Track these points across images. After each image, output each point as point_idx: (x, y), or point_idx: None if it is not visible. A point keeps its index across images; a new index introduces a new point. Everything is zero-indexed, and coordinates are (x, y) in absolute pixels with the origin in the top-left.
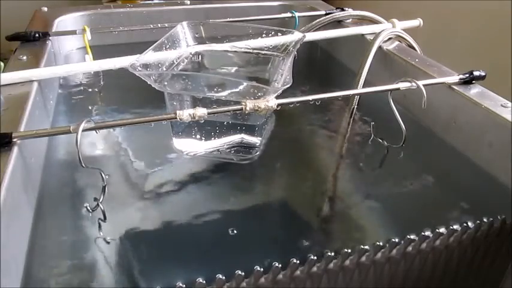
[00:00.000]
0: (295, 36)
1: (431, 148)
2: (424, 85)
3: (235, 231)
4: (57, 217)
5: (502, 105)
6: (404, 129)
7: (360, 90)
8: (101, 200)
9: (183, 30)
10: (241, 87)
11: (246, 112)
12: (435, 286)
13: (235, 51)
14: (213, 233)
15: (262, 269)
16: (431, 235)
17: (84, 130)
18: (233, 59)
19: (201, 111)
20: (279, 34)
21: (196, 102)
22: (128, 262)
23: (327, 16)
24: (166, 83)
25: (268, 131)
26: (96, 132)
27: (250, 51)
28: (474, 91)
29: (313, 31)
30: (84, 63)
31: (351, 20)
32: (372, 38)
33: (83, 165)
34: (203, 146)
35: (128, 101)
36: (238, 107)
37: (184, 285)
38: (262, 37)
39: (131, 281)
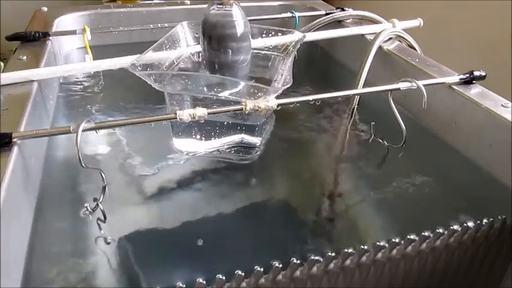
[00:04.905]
0: (295, 36)
1: (431, 148)
2: (424, 85)
3: (235, 231)
4: (57, 217)
5: (502, 105)
6: (404, 129)
7: (360, 90)
8: (100, 200)
9: (183, 30)
10: (241, 87)
11: (246, 112)
12: (435, 286)
13: None
14: (213, 232)
15: (262, 269)
16: (431, 235)
17: (84, 130)
18: None
19: (201, 111)
20: (279, 34)
21: (196, 102)
22: (128, 262)
23: (327, 16)
24: (166, 83)
25: (268, 131)
26: (96, 132)
27: None
28: (474, 91)
29: (313, 31)
30: (84, 63)
31: (351, 20)
32: (372, 38)
33: (83, 165)
34: (203, 146)
35: (128, 101)
36: (238, 107)
37: (184, 285)
38: (262, 37)
39: (131, 280)
